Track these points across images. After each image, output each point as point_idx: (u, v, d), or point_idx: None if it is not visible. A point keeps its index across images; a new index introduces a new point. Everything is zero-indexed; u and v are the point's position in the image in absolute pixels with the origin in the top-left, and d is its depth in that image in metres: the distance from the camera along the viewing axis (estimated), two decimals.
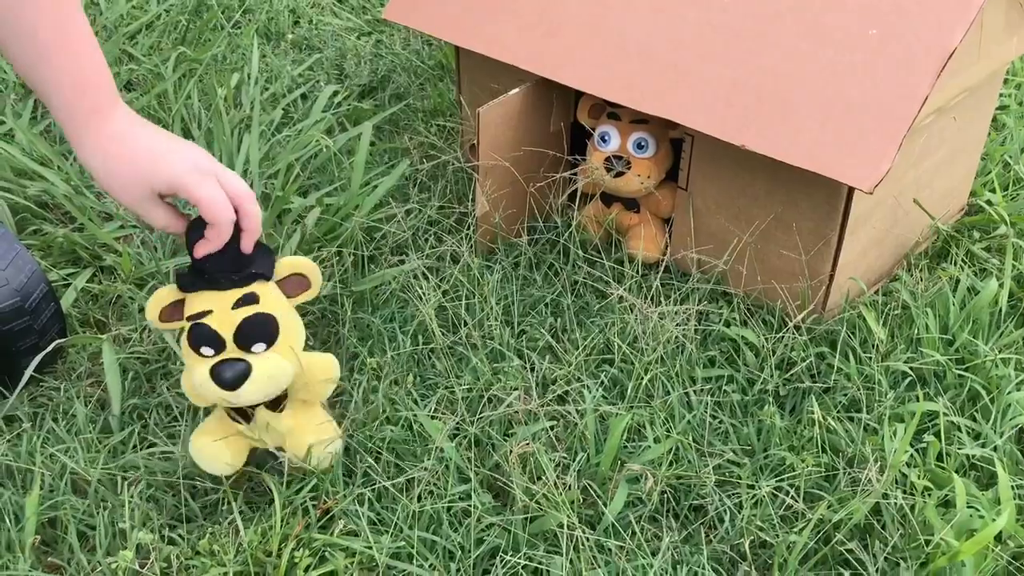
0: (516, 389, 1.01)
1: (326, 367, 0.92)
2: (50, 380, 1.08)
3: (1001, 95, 1.63)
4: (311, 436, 0.92)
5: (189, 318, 0.85)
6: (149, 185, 0.80)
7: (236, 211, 0.82)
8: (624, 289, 1.12)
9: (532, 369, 1.05)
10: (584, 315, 1.15)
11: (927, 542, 0.85)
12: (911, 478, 0.91)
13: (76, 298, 1.19)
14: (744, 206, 1.16)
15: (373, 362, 1.07)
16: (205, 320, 0.84)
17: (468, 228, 1.25)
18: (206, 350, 0.85)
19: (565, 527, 0.85)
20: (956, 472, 0.92)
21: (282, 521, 0.86)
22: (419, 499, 0.90)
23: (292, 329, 0.88)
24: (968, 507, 0.87)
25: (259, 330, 0.85)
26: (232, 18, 1.86)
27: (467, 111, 1.39)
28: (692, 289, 1.16)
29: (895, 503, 0.88)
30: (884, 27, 1.03)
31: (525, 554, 0.85)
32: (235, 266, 0.85)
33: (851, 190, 1.06)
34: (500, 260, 1.22)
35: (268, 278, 0.87)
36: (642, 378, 1.03)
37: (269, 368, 0.85)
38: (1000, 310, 1.14)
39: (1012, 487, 0.89)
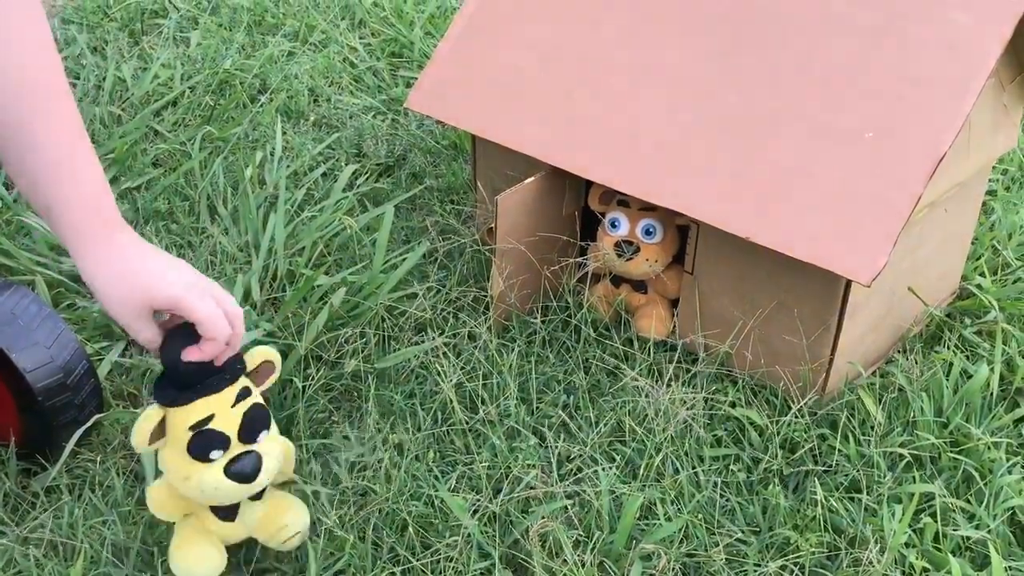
0: (533, 467, 1.07)
1: (286, 447, 0.98)
2: (86, 452, 1.13)
3: (991, 180, 1.71)
4: (287, 517, 0.97)
5: (192, 427, 0.88)
6: (149, 303, 0.84)
7: None
8: (636, 372, 1.18)
9: (548, 448, 1.11)
10: (596, 393, 1.21)
11: None
12: (910, 559, 0.96)
13: (110, 370, 1.24)
14: (747, 291, 1.22)
15: (395, 439, 1.12)
16: (211, 425, 0.88)
17: (485, 307, 1.31)
18: (215, 453, 0.89)
19: None
20: (952, 553, 0.97)
21: None
22: (443, 574, 0.94)
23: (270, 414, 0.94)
24: None
25: (261, 420, 0.91)
26: (255, 97, 1.95)
27: (483, 194, 1.46)
28: (699, 371, 1.22)
29: None
30: (880, 130, 1.11)
31: None
32: (219, 368, 0.88)
33: (849, 280, 1.13)
34: (515, 338, 1.28)
35: (245, 370, 0.92)
36: (654, 458, 1.08)
37: (275, 452, 0.92)
38: (992, 393, 1.20)
39: (1005, 569, 0.94)
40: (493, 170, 1.46)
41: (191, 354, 0.86)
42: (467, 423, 1.14)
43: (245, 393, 0.90)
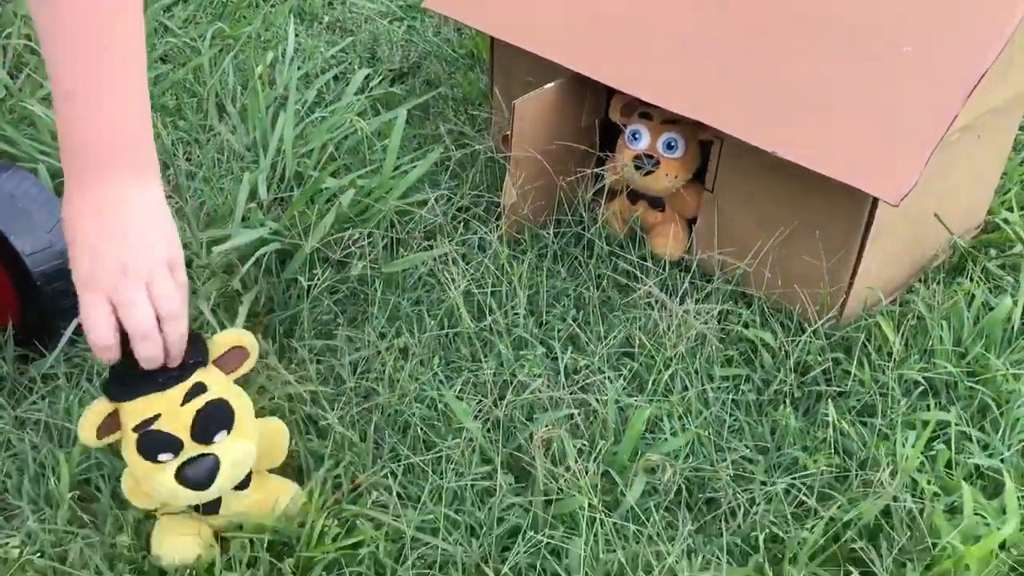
0: (539, 376, 1.04)
1: (278, 433, 0.90)
2: (84, 342, 1.10)
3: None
4: (280, 502, 0.89)
5: (136, 428, 0.79)
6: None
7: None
8: (652, 284, 1.14)
9: (555, 358, 1.08)
10: (607, 308, 1.18)
11: (934, 545, 0.88)
12: (921, 483, 0.94)
13: None
14: (769, 211, 1.18)
15: (400, 342, 1.09)
16: (156, 426, 0.78)
17: (497, 217, 1.27)
18: (164, 456, 0.79)
19: (585, 510, 0.88)
20: (964, 480, 0.95)
21: (318, 493, 0.89)
22: (444, 476, 0.93)
23: (243, 406, 0.84)
24: (975, 514, 0.90)
25: (217, 419, 0.81)
26: None
27: (500, 101, 1.41)
28: (714, 289, 1.19)
29: (904, 506, 0.91)
30: (918, 44, 1.06)
31: (545, 534, 0.88)
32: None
33: (875, 201, 1.09)
34: (526, 250, 1.25)
35: (205, 363, 0.82)
36: (662, 373, 1.06)
37: (235, 455, 0.82)
38: (1013, 327, 1.16)
39: (1018, 497, 0.92)
40: (511, 76, 1.41)
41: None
42: (474, 331, 1.12)
43: (199, 389, 0.80)
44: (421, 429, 0.99)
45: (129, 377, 0.78)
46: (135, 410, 0.79)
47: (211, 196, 1.33)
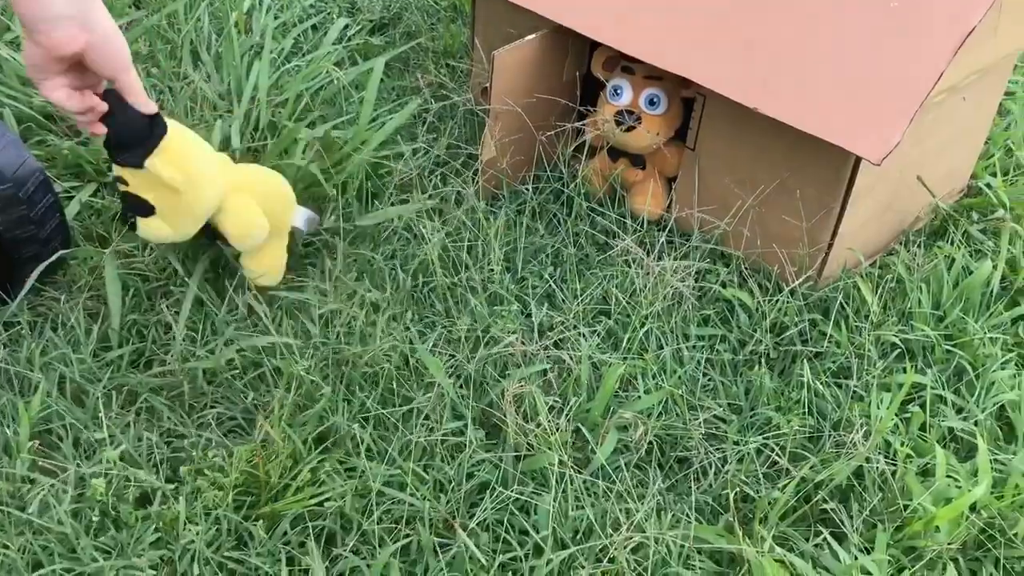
0: (514, 333, 1.03)
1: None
2: (51, 290, 1.08)
3: (1010, 82, 1.63)
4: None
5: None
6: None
7: None
8: (629, 240, 1.13)
9: (530, 315, 1.07)
10: (584, 266, 1.16)
11: (905, 507, 0.87)
12: (894, 445, 0.93)
13: (79, 211, 1.19)
14: (750, 170, 1.17)
15: (371, 297, 1.07)
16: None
17: (474, 172, 1.25)
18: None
19: (555, 467, 0.87)
20: (938, 443, 0.95)
21: (284, 442, 0.88)
22: (414, 431, 0.91)
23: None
24: (947, 476, 0.90)
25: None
26: None
27: (480, 53, 1.38)
28: (692, 248, 1.17)
29: (877, 468, 0.90)
30: (905, 0, 1.04)
31: (515, 490, 0.87)
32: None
33: (857, 161, 1.07)
34: (504, 206, 1.23)
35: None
36: (637, 331, 1.04)
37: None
38: (992, 291, 1.16)
39: (990, 460, 0.92)
40: (493, 27, 1.37)
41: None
42: (448, 286, 1.10)
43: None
44: (393, 383, 0.97)
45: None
46: None
47: None
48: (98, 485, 0.80)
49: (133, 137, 0.91)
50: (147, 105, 0.90)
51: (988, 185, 1.36)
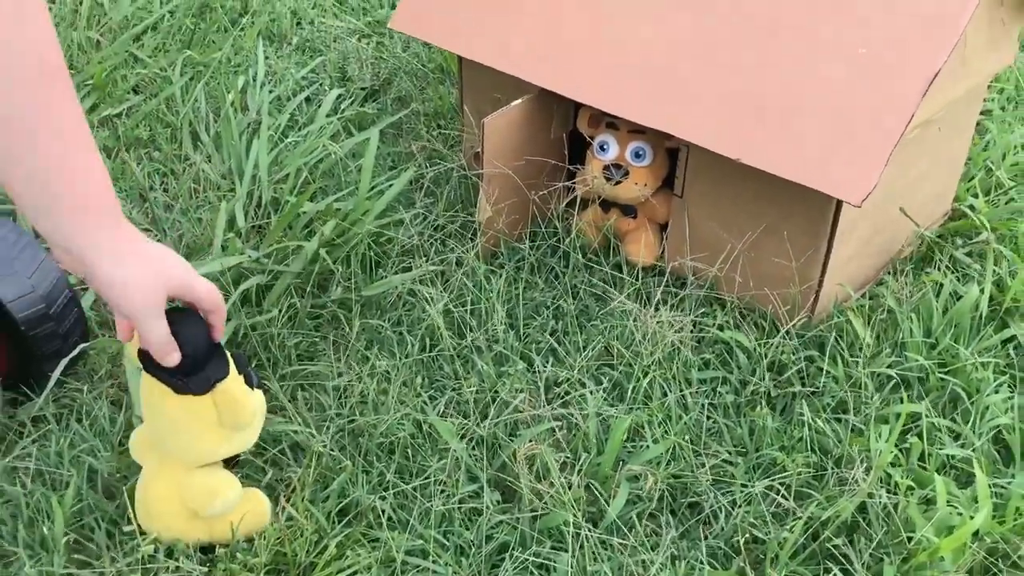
0: (521, 391, 1.06)
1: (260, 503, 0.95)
2: (73, 382, 1.12)
3: (984, 99, 1.68)
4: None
5: None
6: (164, 288, 0.81)
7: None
8: (624, 296, 1.17)
9: (536, 372, 1.11)
10: (584, 318, 1.20)
11: (909, 539, 0.90)
12: (895, 478, 0.96)
13: (95, 300, 1.23)
14: (737, 214, 1.21)
15: (382, 365, 1.11)
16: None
17: (473, 233, 1.29)
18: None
19: (570, 525, 0.91)
20: (937, 471, 0.98)
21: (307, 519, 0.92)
22: (432, 498, 0.95)
23: None
24: (948, 505, 0.93)
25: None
26: (236, 20, 1.90)
27: (470, 118, 1.43)
28: (688, 295, 1.21)
29: (880, 502, 0.93)
30: (873, 47, 1.08)
31: (533, 551, 0.90)
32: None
33: (840, 201, 1.11)
34: (504, 264, 1.27)
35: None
36: (641, 380, 1.08)
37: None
38: (980, 314, 1.19)
39: (989, 486, 0.95)
40: (480, 93, 1.43)
41: (218, 333, 0.86)
42: (455, 349, 1.14)
43: None
44: (409, 451, 1.01)
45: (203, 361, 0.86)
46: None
47: (190, 227, 1.34)
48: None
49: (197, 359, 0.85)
50: (169, 359, 0.83)
51: (971, 207, 1.40)
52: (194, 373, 0.85)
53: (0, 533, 0.94)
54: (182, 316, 0.84)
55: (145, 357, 0.85)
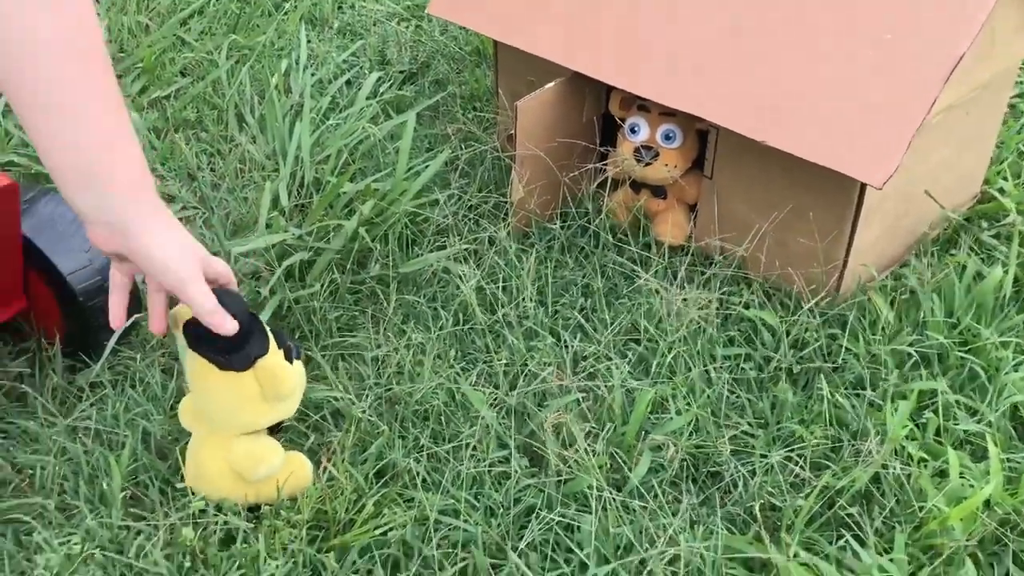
0: (549, 364, 1.11)
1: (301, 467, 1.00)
2: (127, 350, 1.19)
3: (1021, 82, 1.68)
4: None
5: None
6: (202, 265, 0.85)
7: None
8: (651, 274, 1.21)
9: (565, 346, 1.15)
10: (613, 296, 1.24)
11: (921, 508, 0.94)
12: (909, 450, 1.00)
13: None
14: (764, 195, 1.24)
15: (419, 338, 1.17)
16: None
17: (505, 213, 1.34)
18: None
19: (594, 489, 0.95)
20: (953, 446, 1.01)
21: (346, 477, 0.97)
22: (464, 462, 1.00)
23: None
24: (960, 477, 0.96)
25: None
26: (279, 4, 1.95)
27: (504, 101, 1.47)
28: (714, 274, 1.25)
29: (893, 473, 0.97)
30: (898, 32, 1.11)
31: (558, 512, 0.95)
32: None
33: (864, 184, 1.14)
34: (535, 244, 1.32)
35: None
36: (666, 356, 1.12)
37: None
38: (1004, 295, 1.21)
39: (1002, 459, 0.98)
40: (514, 76, 1.47)
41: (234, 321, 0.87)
42: (487, 324, 1.19)
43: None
44: (442, 417, 1.06)
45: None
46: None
47: (236, 206, 1.40)
48: (187, 534, 0.90)
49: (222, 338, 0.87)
50: (221, 326, 0.85)
51: (1001, 190, 1.42)
52: (236, 350, 0.89)
53: (63, 488, 1.01)
54: (222, 291, 0.87)
55: (190, 334, 0.90)
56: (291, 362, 0.94)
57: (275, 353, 0.92)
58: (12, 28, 0.72)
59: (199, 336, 0.89)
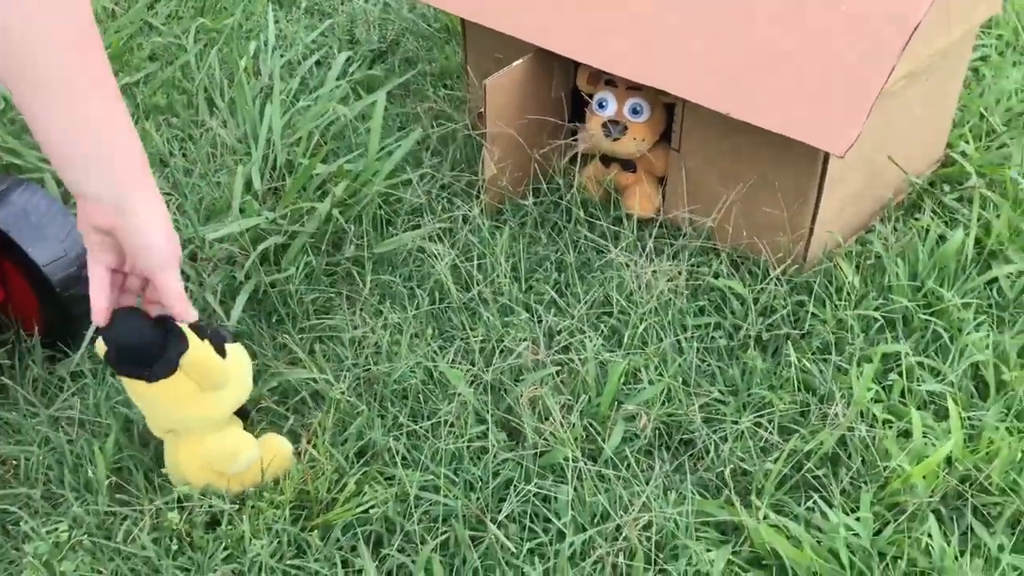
0: (524, 340, 1.13)
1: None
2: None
3: (983, 46, 1.71)
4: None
5: None
6: (179, 257, 0.86)
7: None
8: (621, 248, 1.23)
9: (539, 321, 1.17)
10: (585, 270, 1.26)
11: (885, 468, 0.97)
12: (874, 412, 1.03)
13: None
14: (731, 166, 1.26)
15: (395, 318, 1.18)
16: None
17: (478, 191, 1.35)
18: None
19: (570, 460, 0.98)
20: (917, 407, 1.04)
21: (326, 458, 0.99)
22: (442, 438, 1.02)
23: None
24: (923, 437, 0.99)
25: None
26: None
27: (473, 80, 1.48)
28: (683, 246, 1.27)
29: (859, 435, 1.00)
30: (854, 1, 1.12)
31: (536, 484, 0.98)
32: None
33: (827, 152, 1.16)
34: (508, 220, 1.33)
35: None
36: (638, 328, 1.15)
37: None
38: (966, 257, 1.24)
39: (962, 417, 1.01)
40: (483, 54, 1.47)
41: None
42: (462, 301, 1.21)
43: None
44: (420, 396, 1.08)
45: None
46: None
47: (208, 191, 1.41)
48: (173, 517, 0.92)
49: (138, 355, 0.88)
50: (184, 313, 0.85)
51: (963, 153, 1.44)
52: (157, 359, 0.88)
53: (48, 477, 1.02)
54: (121, 309, 0.88)
55: (110, 361, 0.89)
56: (222, 348, 0.93)
57: (198, 347, 0.91)
58: (13, 17, 0.74)
59: (118, 359, 0.89)
